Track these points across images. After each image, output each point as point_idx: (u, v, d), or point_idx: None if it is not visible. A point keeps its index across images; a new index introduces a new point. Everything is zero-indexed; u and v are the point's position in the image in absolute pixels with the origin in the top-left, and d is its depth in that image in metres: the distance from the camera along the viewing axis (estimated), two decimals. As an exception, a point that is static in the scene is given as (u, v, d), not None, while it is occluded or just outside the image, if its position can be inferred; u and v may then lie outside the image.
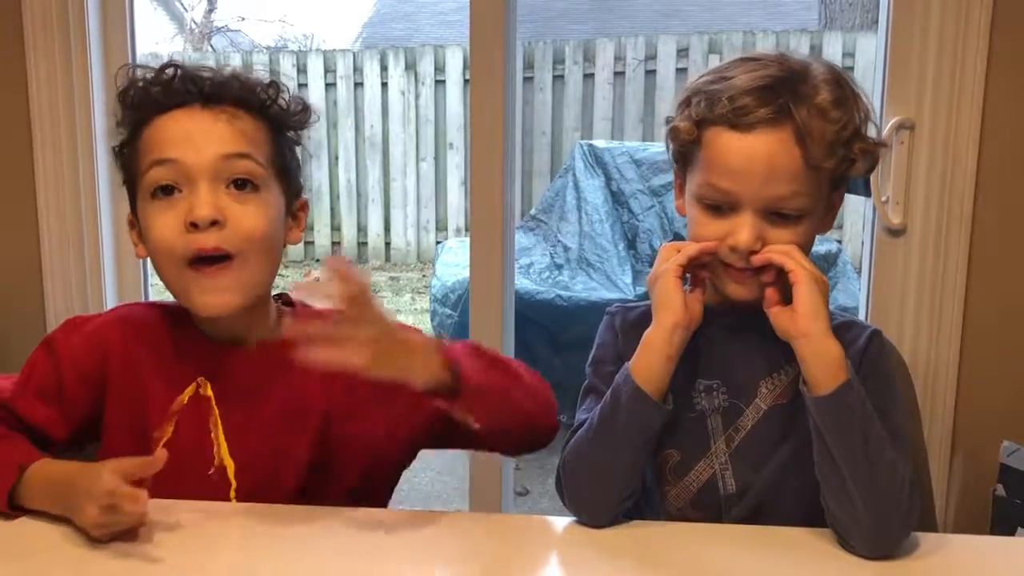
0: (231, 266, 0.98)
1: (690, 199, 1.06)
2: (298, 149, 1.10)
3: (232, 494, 1.03)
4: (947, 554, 0.95)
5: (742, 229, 0.99)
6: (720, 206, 1.01)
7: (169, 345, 1.08)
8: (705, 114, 1.01)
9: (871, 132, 1.04)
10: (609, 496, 1.00)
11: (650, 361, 1.00)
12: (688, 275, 1.05)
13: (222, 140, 0.99)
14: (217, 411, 1.04)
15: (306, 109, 1.08)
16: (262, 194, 1.01)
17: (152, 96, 1.02)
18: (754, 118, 0.98)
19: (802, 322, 0.96)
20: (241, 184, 0.99)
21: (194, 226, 0.96)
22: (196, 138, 0.99)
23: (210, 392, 1.04)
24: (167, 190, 0.99)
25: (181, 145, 0.99)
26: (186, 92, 1.01)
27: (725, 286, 1.04)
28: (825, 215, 1.06)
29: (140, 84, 1.03)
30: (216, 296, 0.98)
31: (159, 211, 0.99)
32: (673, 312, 1.00)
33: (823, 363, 0.95)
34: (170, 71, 1.03)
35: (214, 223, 0.96)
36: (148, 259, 1.05)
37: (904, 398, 1.16)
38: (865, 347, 1.05)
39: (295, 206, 1.08)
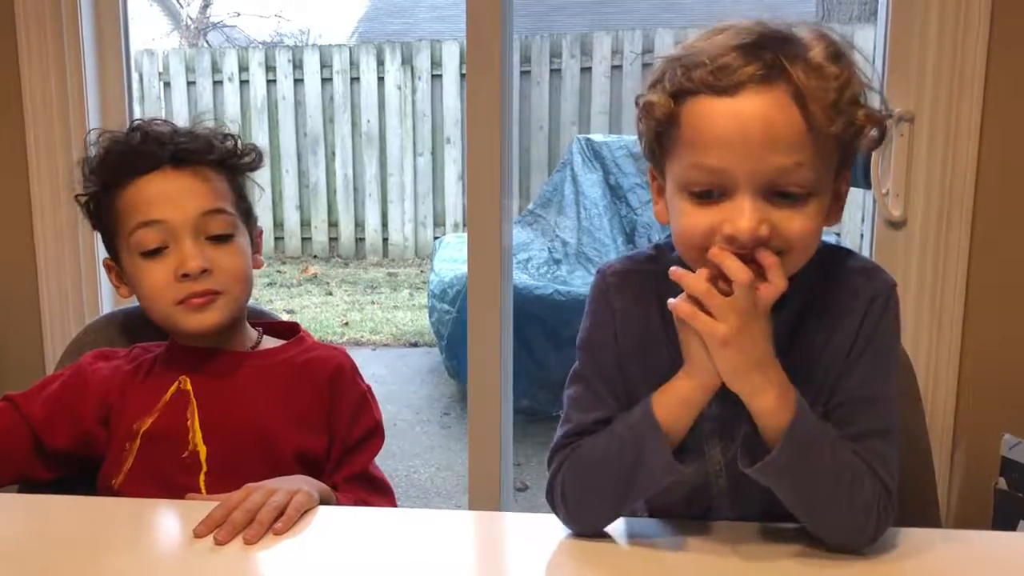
0: (217, 300, 1.12)
1: (673, 191, 0.89)
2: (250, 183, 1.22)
3: (202, 478, 1.10)
4: (950, 550, 0.94)
5: (740, 215, 0.82)
6: (710, 191, 0.84)
7: (158, 358, 1.18)
8: (682, 83, 0.84)
9: (874, 103, 0.89)
10: (609, 520, 0.96)
11: (681, 419, 0.90)
12: None
13: (200, 198, 1.12)
14: (195, 402, 1.13)
15: (256, 152, 1.20)
16: (236, 239, 1.15)
17: (126, 162, 1.13)
18: (741, 76, 0.82)
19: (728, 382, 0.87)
20: (220, 235, 1.13)
21: (186, 276, 1.10)
22: (176, 199, 1.11)
23: (189, 386, 1.14)
24: (157, 250, 1.11)
25: (163, 206, 1.11)
26: (156, 156, 1.13)
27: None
28: (833, 203, 0.89)
29: (115, 152, 1.14)
30: (204, 319, 1.12)
31: (150, 267, 1.12)
32: (711, 376, 0.88)
33: (760, 422, 0.88)
34: (136, 135, 1.15)
35: (203, 271, 1.10)
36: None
37: (906, 390, 1.12)
38: (871, 300, 0.94)
39: (254, 235, 1.21)
